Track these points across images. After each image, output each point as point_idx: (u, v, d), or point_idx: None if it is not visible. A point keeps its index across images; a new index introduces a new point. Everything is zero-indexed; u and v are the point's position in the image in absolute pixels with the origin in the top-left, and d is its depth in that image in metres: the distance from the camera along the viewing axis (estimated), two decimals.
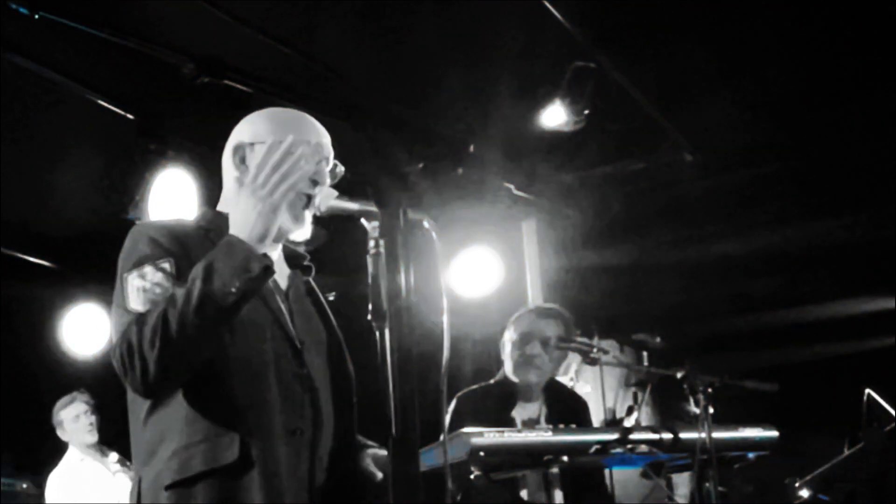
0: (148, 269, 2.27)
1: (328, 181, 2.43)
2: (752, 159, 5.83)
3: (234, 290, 2.15)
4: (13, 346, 6.57)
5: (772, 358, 7.32)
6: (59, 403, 5.99)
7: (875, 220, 6.00)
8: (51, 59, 4.43)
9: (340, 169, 2.49)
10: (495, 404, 4.05)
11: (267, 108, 2.50)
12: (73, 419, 5.94)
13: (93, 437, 5.95)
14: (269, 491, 2.23)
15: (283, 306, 2.43)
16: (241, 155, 2.46)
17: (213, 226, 2.43)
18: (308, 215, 2.39)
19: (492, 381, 4.22)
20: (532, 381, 4.13)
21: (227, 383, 2.26)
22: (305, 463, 2.33)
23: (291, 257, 2.56)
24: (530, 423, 4.05)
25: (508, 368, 4.17)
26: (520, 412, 4.10)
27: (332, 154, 2.49)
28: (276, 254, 2.45)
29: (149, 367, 2.15)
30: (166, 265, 2.28)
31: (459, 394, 4.11)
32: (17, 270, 6.39)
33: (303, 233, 2.42)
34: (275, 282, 2.43)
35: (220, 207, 2.52)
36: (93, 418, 5.94)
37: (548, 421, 4.08)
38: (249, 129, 2.49)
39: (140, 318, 2.18)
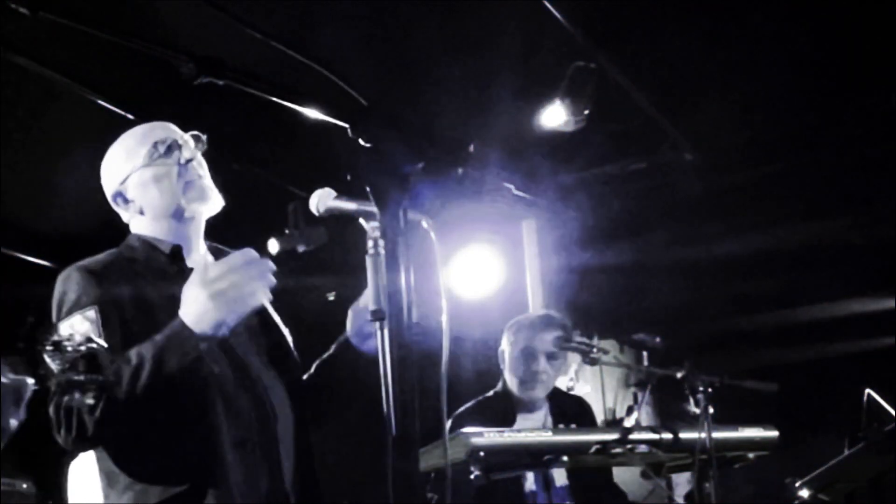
0: (76, 320, 2.29)
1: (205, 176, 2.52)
2: (752, 159, 5.82)
3: (178, 380, 2.18)
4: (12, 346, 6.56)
5: (772, 358, 7.31)
6: None
7: (875, 220, 6.00)
8: (51, 59, 4.43)
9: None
10: (495, 418, 3.97)
11: (115, 142, 2.62)
12: None
13: None
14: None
15: None
16: (122, 198, 2.56)
17: (138, 255, 2.49)
18: None
19: (490, 394, 4.18)
20: (539, 396, 4.10)
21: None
22: (262, 470, 2.34)
23: None
24: None
25: (512, 382, 4.12)
26: (522, 423, 4.05)
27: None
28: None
29: (87, 430, 2.19)
30: (92, 314, 2.30)
31: (456, 413, 4.03)
32: (17, 270, 6.38)
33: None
34: None
35: (136, 230, 2.58)
36: None
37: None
38: (115, 172, 2.56)
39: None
